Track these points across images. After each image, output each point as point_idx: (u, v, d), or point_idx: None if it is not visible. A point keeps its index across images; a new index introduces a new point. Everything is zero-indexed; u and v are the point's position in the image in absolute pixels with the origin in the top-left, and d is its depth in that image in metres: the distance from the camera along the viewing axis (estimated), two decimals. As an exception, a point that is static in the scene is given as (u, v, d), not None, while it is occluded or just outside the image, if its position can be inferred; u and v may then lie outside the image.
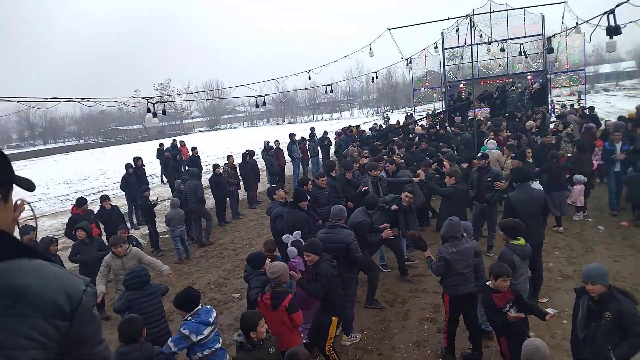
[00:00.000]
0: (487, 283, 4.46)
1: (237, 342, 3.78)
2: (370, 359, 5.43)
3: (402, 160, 9.89)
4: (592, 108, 16.93)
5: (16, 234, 1.30)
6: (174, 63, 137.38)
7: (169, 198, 13.66)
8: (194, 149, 16.75)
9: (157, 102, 9.80)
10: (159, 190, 17.46)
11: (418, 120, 20.12)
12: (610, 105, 32.54)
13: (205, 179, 15.69)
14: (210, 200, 13.42)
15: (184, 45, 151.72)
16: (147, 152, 26.63)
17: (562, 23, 17.85)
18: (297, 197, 6.78)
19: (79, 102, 7.56)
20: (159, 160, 19.11)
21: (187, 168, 16.18)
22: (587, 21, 10.32)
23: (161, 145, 19.64)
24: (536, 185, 7.25)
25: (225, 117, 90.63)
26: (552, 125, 14.44)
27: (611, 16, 6.98)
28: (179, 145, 19.54)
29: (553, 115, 19.12)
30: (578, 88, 23.40)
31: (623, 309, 3.44)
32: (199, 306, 4.34)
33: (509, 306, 4.26)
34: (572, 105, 19.92)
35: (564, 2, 17.47)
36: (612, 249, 7.79)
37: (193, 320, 4.19)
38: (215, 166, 12.54)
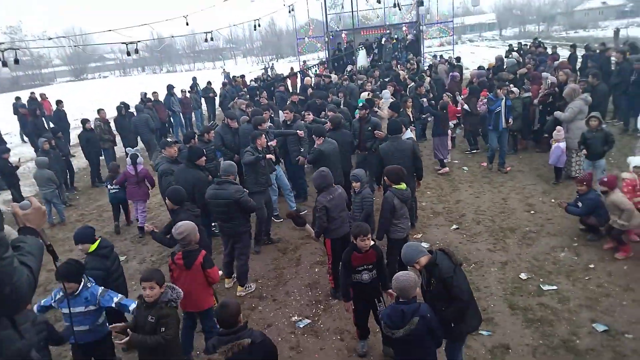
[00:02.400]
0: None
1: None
2: (265, 305, 5.63)
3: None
4: (458, 58, 18.44)
5: None
6: (23, 4, 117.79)
7: (32, 158, 12.21)
8: (58, 102, 14.89)
9: (7, 50, 8.41)
10: (20, 150, 15.42)
11: (307, 68, 20.11)
12: (474, 55, 35.68)
13: (74, 135, 14.27)
14: (82, 160, 12.28)
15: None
16: (0, 107, 23.10)
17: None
18: (193, 154, 6.41)
19: None
20: (16, 116, 16.71)
21: (51, 125, 14.50)
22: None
23: (17, 99, 17.17)
24: (407, 134, 7.62)
25: (93, 66, 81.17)
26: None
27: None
28: (39, 99, 17.27)
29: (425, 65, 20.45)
30: (447, 39, 25.25)
31: (442, 274, 3.52)
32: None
33: (363, 268, 4.29)
34: (441, 56, 21.48)
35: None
36: (474, 186, 8.84)
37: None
38: (85, 121, 11.38)
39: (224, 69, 31.98)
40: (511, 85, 10.50)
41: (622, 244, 5.83)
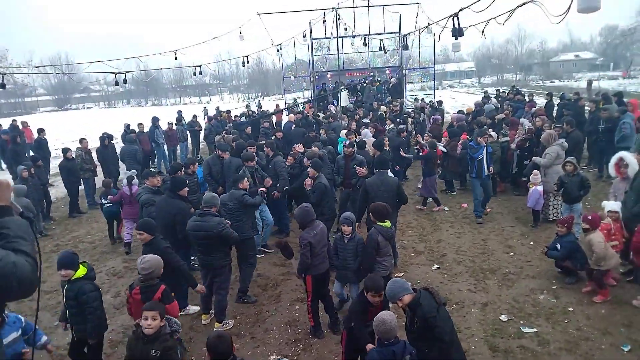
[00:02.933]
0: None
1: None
2: (243, 343, 5.48)
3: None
4: (440, 102, 19.00)
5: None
6: (11, 34, 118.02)
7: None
8: (40, 130, 14.75)
9: (-9, 74, 8.40)
10: (-5, 178, 15.07)
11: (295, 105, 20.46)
12: (455, 100, 36.88)
13: (54, 165, 14.04)
14: (60, 189, 12.06)
15: (24, 13, 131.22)
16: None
17: (416, 23, 19.61)
18: (175, 185, 6.30)
19: None
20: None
21: (31, 153, 14.30)
22: (436, 22, 11.47)
23: (-3, 126, 16.97)
24: (391, 174, 7.83)
25: (77, 96, 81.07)
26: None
27: (456, 19, 7.90)
28: (20, 127, 17.10)
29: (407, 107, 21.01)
30: (428, 84, 26.10)
31: (425, 313, 3.48)
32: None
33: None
34: (422, 99, 22.13)
35: (418, 3, 19.19)
36: (455, 226, 8.94)
37: None
38: (66, 150, 11.25)
39: (205, 107, 32.89)
40: (490, 129, 10.85)
41: (602, 287, 5.91)
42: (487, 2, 6.99)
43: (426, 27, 15.28)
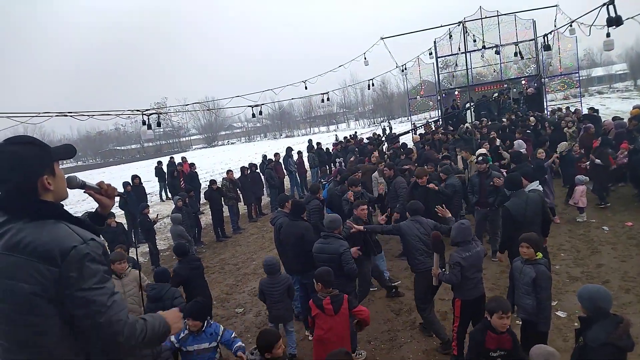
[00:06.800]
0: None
1: None
2: (379, 370, 5.30)
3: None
4: (593, 109, 16.89)
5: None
6: (170, 83, 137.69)
7: (168, 215, 13.56)
8: (191, 165, 16.72)
9: (151, 114, 9.76)
10: (158, 208, 17.34)
11: (415, 128, 20.13)
12: (605, 108, 32.68)
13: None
14: (209, 216, 13.35)
15: (180, 64, 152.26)
16: (145, 170, 26.58)
17: (555, 26, 17.95)
18: (296, 209, 6.53)
19: (71, 116, 7.50)
20: (157, 178, 19.06)
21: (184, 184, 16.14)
22: (582, 16, 10.18)
23: (159, 163, 19.57)
24: (533, 185, 6.87)
25: (223, 134, 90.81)
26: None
27: (611, 7, 6.92)
28: (181, 162, 19.51)
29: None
30: (572, 92, 23.53)
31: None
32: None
33: (498, 354, 3.69)
34: (567, 108, 19.99)
35: (556, 6, 17.58)
36: (618, 248, 7.70)
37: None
38: (212, 182, 12.48)
39: (336, 134, 34.19)
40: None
41: None
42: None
43: (570, 24, 13.68)
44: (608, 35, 7.24)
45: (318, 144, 19.25)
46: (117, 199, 2.20)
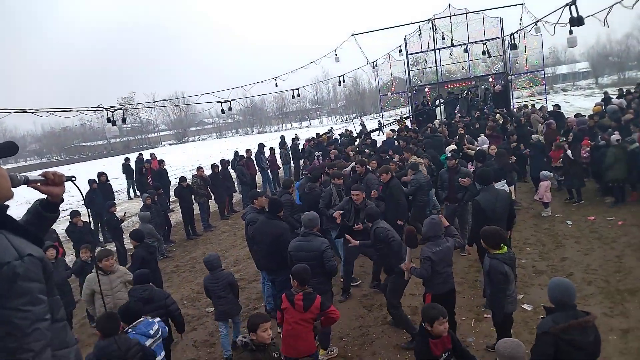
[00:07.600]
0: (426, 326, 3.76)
1: (242, 342, 3.79)
2: (351, 366, 5.32)
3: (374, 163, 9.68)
4: (557, 106, 17.38)
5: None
6: (139, 79, 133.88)
7: (136, 213, 13.26)
8: (160, 162, 16.35)
9: (116, 110, 9.46)
10: (126, 206, 16.93)
11: (387, 124, 20.31)
12: (569, 105, 33.74)
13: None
14: (179, 214, 13.11)
15: (149, 58, 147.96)
16: (112, 167, 25.90)
17: (520, 24, 18.40)
18: (273, 207, 6.36)
19: (31, 112, 7.20)
20: (125, 175, 18.58)
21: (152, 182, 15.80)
22: (546, 16, 10.48)
23: (126, 159, 19.09)
24: (499, 184, 7.04)
25: (193, 130, 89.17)
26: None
27: (573, 7, 7.14)
28: (150, 158, 19.04)
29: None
30: (538, 89, 24.17)
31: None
32: (141, 319, 4.38)
33: (445, 356, 3.72)
34: (532, 106, 20.53)
35: (522, 4, 18.00)
36: (581, 242, 7.97)
37: (134, 332, 4.24)
38: (182, 179, 12.26)
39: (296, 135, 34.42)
40: (616, 132, 9.66)
41: None
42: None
43: (535, 23, 14.04)
44: (571, 32, 7.46)
45: (293, 139, 19.09)
46: (85, 194, 2.08)
